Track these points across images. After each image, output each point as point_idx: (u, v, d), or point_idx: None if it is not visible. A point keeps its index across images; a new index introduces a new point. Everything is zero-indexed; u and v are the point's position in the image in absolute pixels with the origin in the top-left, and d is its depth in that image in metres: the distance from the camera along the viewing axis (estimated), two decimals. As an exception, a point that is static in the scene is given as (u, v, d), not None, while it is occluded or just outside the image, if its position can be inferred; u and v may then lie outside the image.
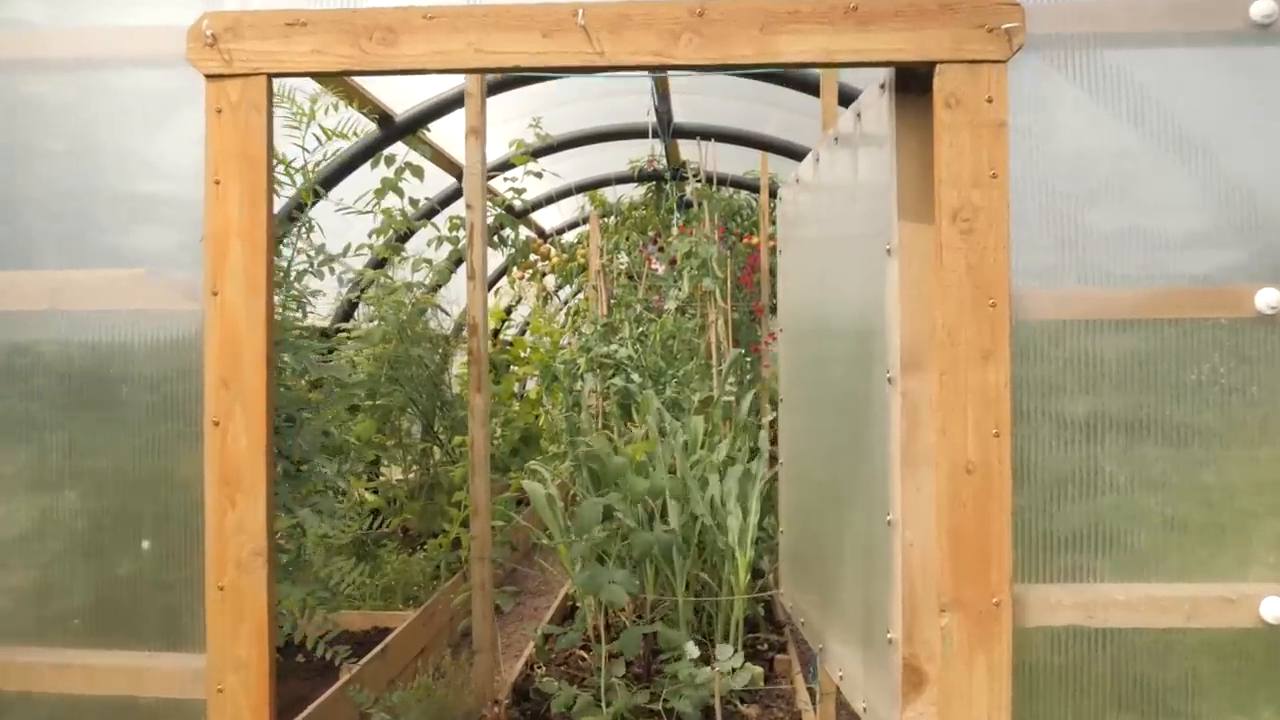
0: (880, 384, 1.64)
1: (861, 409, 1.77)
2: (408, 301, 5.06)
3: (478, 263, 2.86)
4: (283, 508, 2.10)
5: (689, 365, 4.09)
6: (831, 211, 2.03)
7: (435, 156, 4.52)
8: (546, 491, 3.66)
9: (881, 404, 1.64)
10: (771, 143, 5.30)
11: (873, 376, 1.70)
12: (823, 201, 2.13)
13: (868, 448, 1.74)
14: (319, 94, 2.47)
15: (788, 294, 2.64)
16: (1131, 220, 1.44)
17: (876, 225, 1.67)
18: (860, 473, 1.78)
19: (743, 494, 3.53)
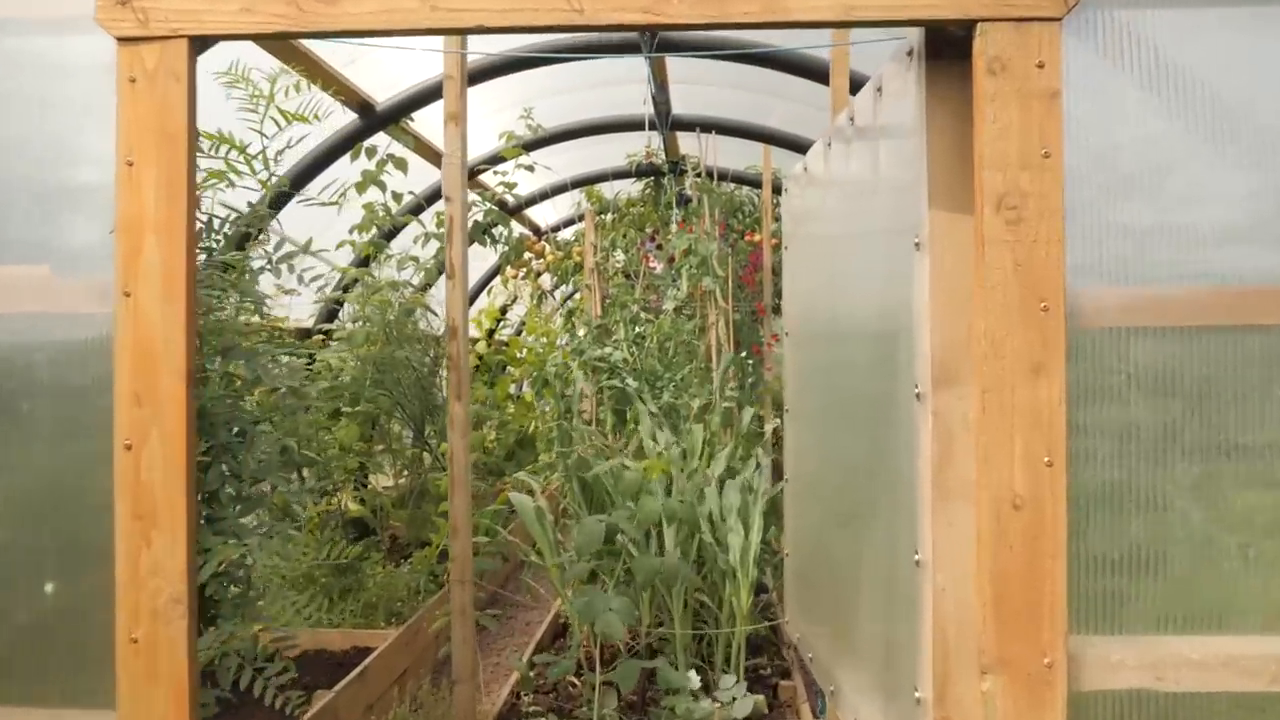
0: (906, 399, 1.42)
1: (883, 426, 1.55)
2: (394, 301, 4.83)
3: (457, 260, 2.62)
4: (231, 535, 1.87)
5: (687, 369, 3.86)
6: (846, 203, 1.80)
7: (420, 148, 4.28)
8: (536, 505, 3.43)
9: (908, 423, 1.41)
10: (775, 135, 5.06)
11: (897, 390, 1.47)
12: (835, 192, 1.90)
13: (891, 472, 1.51)
14: (279, 73, 2.24)
15: (794, 294, 2.41)
16: (1211, 210, 1.21)
17: (902, 217, 1.44)
18: (882, 500, 1.56)
19: (744, 509, 3.30)
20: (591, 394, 3.94)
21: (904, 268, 1.42)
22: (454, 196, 2.62)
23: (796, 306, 2.37)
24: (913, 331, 1.39)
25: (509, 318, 8.55)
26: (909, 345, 1.41)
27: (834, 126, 1.93)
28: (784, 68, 3.71)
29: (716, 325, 3.95)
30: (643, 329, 4.51)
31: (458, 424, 2.64)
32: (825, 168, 1.99)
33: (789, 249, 2.44)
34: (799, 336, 2.35)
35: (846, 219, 1.77)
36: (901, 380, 1.44)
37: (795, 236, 2.37)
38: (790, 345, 2.43)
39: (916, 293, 1.37)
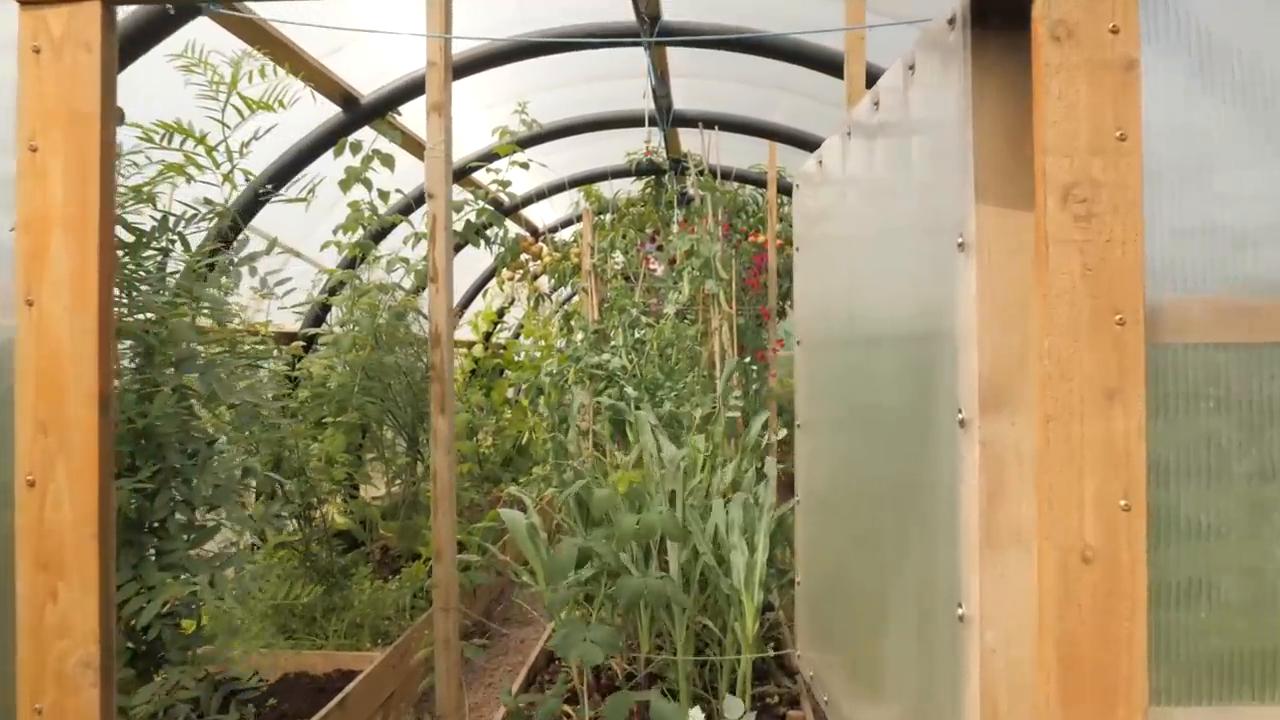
0: (946, 424, 1.21)
1: (916, 453, 1.34)
2: (383, 305, 4.63)
3: (441, 262, 2.42)
4: (181, 569, 1.67)
5: (689, 377, 3.65)
6: (870, 200, 1.59)
7: (408, 143, 4.08)
8: (528, 522, 3.23)
9: (948, 452, 1.21)
10: (780, 131, 4.85)
11: (934, 412, 1.27)
12: (857, 188, 1.70)
13: (926, 508, 1.31)
14: (242, 56, 2.04)
15: (808, 299, 2.21)
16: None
17: (941, 213, 1.24)
18: (915, 539, 1.35)
19: (749, 526, 3.10)
20: (589, 402, 3.74)
21: (943, 271, 1.22)
22: (437, 193, 2.42)
23: (810, 312, 2.16)
24: (954, 345, 1.19)
25: (506, 320, 8.36)
26: (949, 361, 1.20)
27: (853, 116, 1.73)
28: (791, 58, 3.51)
29: (720, 330, 3.75)
30: (642, 333, 4.31)
31: (441, 439, 2.44)
32: (844, 162, 1.79)
33: (801, 250, 2.24)
34: (813, 344, 2.14)
35: (871, 217, 1.56)
36: (940, 402, 1.24)
37: (808, 237, 2.16)
38: (803, 354, 2.23)
39: (960, 301, 1.17)
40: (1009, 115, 1.14)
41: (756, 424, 3.42)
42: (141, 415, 1.69)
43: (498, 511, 3.21)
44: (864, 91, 2.47)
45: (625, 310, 4.03)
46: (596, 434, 3.77)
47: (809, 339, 2.19)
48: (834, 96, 4.42)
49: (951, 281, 1.20)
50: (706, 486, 3.35)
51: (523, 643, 4.68)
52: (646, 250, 4.95)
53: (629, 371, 3.68)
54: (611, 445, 3.81)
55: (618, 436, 3.80)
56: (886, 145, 1.49)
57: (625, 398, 3.55)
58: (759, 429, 3.40)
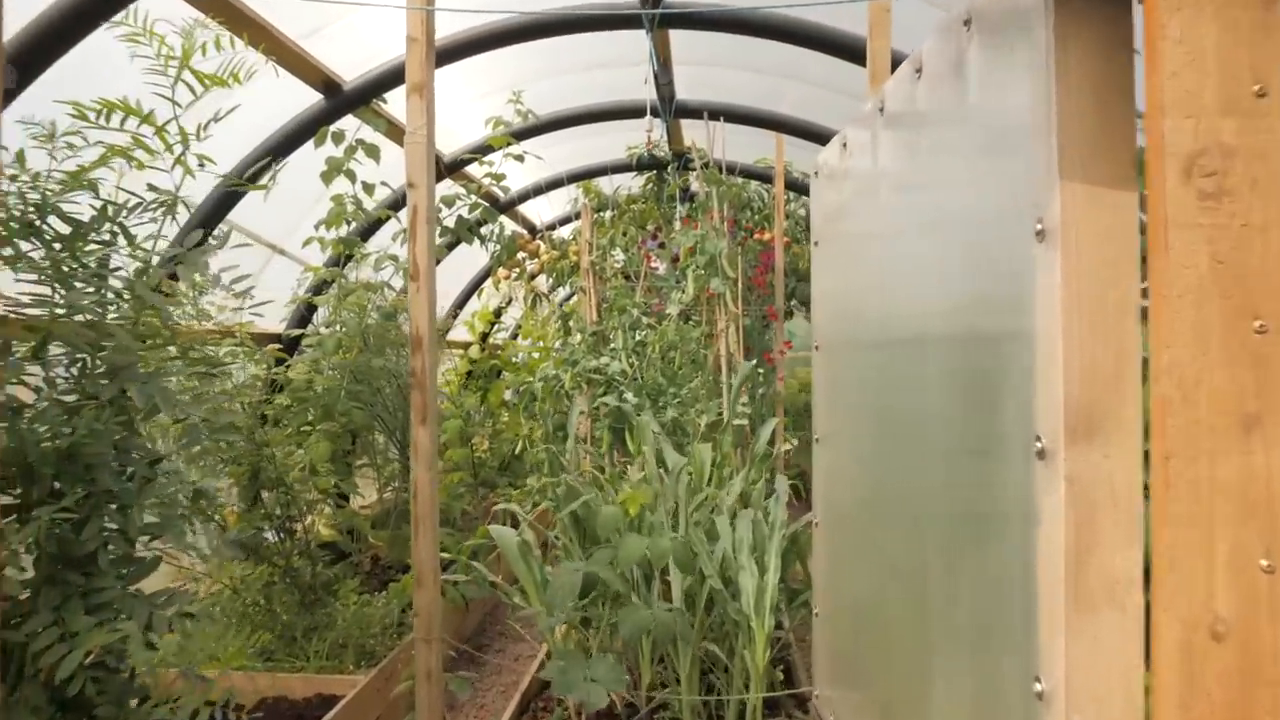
0: (1018, 453, 0.99)
1: (975, 484, 1.12)
2: (371, 304, 4.41)
3: (421, 258, 2.20)
4: (113, 611, 1.44)
5: (694, 381, 3.43)
6: (911, 183, 1.37)
7: (394, 132, 3.84)
8: (520, 538, 3.00)
9: (1020, 488, 0.98)
10: (788, 123, 4.63)
11: (1000, 437, 1.04)
12: (893, 172, 1.47)
13: (990, 553, 1.08)
14: (195, 25, 1.81)
15: (828, 299, 1.98)
16: None
17: (1009, 194, 1.02)
18: (975, 588, 1.13)
19: (759, 545, 2.87)
20: (587, 409, 3.51)
21: (1014, 264, 0.99)
22: (418, 182, 2.20)
23: (832, 313, 1.94)
24: (1029, 356, 0.96)
25: (504, 321, 8.13)
26: (1022, 375, 0.98)
27: (889, 90, 1.50)
28: (803, 41, 3.27)
29: (726, 332, 3.53)
30: (644, 335, 4.08)
31: (423, 452, 2.22)
32: (875, 144, 1.56)
33: (820, 246, 2.01)
34: (835, 348, 1.92)
35: (914, 205, 1.33)
36: (1008, 424, 1.01)
37: (830, 231, 1.94)
38: (822, 359, 2.00)
39: (1038, 300, 0.95)
40: (1102, 72, 0.91)
41: (765, 432, 3.20)
42: (67, 432, 1.46)
43: (488, 528, 2.98)
44: (888, 71, 2.25)
45: (625, 311, 3.80)
46: (595, 442, 3.54)
47: (830, 342, 1.96)
48: (846, 84, 4.19)
49: (1026, 276, 0.97)
50: (713, 500, 3.13)
51: (518, 659, 4.46)
52: (648, 247, 4.72)
53: (629, 376, 3.46)
54: (611, 454, 3.59)
55: (617, 445, 3.57)
56: (934, 119, 1.26)
57: (626, 403, 3.32)
58: (767, 438, 3.18)
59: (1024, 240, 0.97)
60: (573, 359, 3.44)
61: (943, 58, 1.23)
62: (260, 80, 3.31)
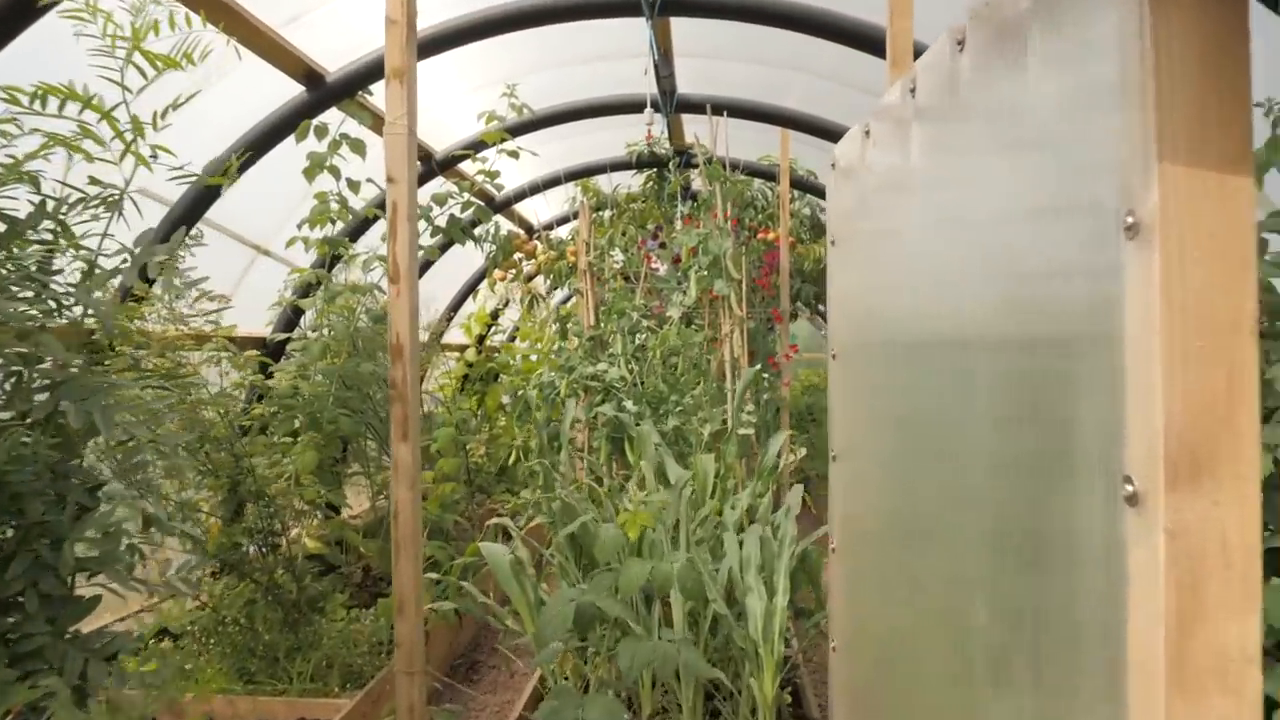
0: (1099, 498, 0.81)
1: (1040, 527, 0.94)
2: (360, 308, 4.23)
3: (403, 259, 2.02)
4: (41, 661, 1.27)
5: (696, 389, 3.25)
6: (949, 172, 1.19)
7: (380, 126, 3.66)
8: (512, 556, 2.83)
9: (1102, 538, 0.80)
10: (793, 118, 4.45)
11: (1072, 473, 0.86)
12: (927, 160, 1.29)
13: (1058, 611, 0.90)
14: (148, 2, 1.63)
15: (847, 303, 1.80)
16: None
17: (1088, 181, 0.84)
18: (1034, 649, 0.95)
19: (767, 564, 2.69)
20: (584, 417, 3.33)
21: (1095, 267, 0.81)
22: (398, 176, 2.02)
23: (852, 319, 1.76)
24: (1117, 379, 0.78)
25: (501, 323, 7.96)
26: (1106, 402, 0.80)
27: (922, 69, 1.32)
28: (812, 28, 3.09)
29: (730, 337, 3.35)
30: (644, 338, 3.91)
31: (403, 470, 2.04)
32: (905, 131, 1.38)
33: (838, 245, 1.83)
34: (855, 358, 1.74)
35: (957, 196, 1.16)
36: (1087, 459, 0.83)
37: (849, 229, 1.76)
38: (841, 369, 1.82)
39: (1130, 311, 0.77)
40: (1212, 30, 0.74)
41: (774, 444, 3.02)
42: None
43: (478, 546, 2.81)
44: (909, 56, 2.07)
45: (625, 314, 3.62)
46: (593, 452, 3.36)
47: (850, 350, 1.78)
48: (857, 77, 4.01)
49: (1110, 281, 0.79)
50: (718, 515, 2.95)
51: (514, 675, 4.28)
52: (648, 248, 4.54)
53: (629, 383, 3.28)
54: (610, 465, 3.41)
55: (616, 455, 3.39)
56: (984, 98, 1.08)
57: (625, 412, 3.15)
58: (776, 450, 3.00)
59: (1108, 236, 0.79)
60: (569, 365, 3.26)
61: (993, 25, 1.05)
62: (239, 71, 3.14)
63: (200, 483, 3.33)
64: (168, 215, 3.21)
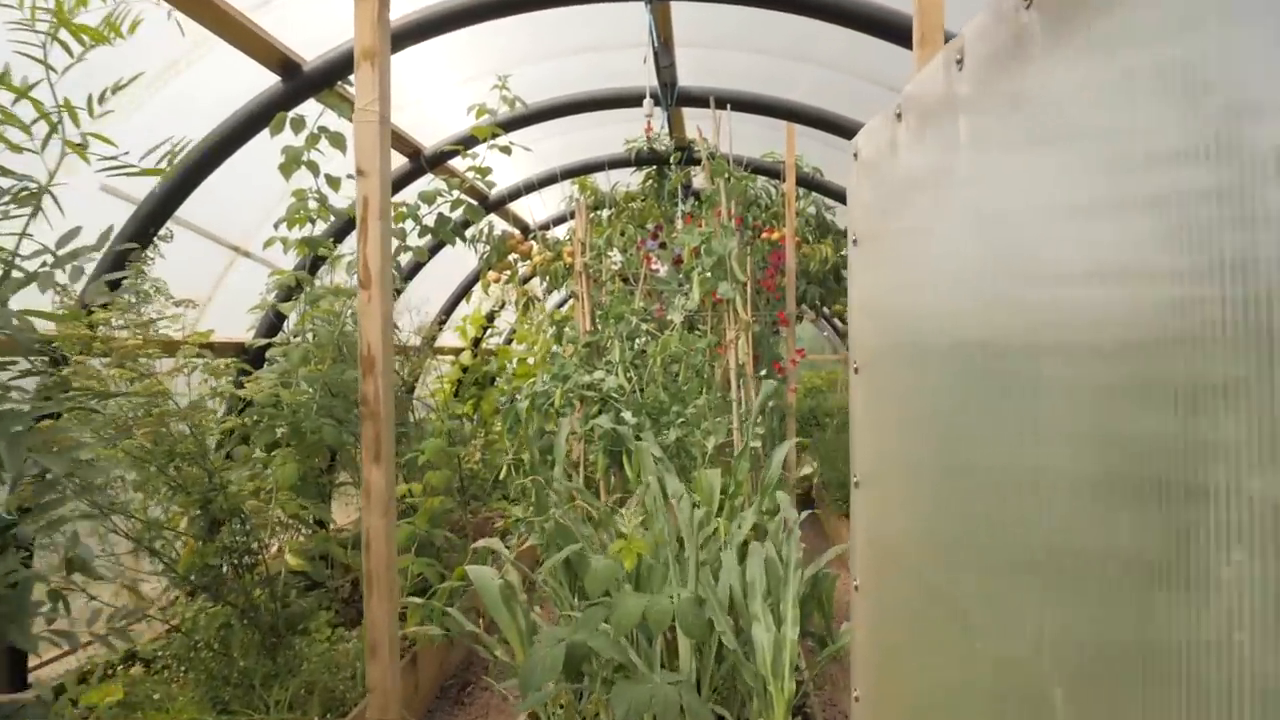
0: (1251, 526, 0.60)
1: (1144, 561, 0.74)
2: (346, 311, 4.02)
3: (373, 261, 1.81)
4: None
5: (700, 399, 3.04)
6: (1020, 151, 0.98)
7: (363, 122, 3.45)
8: (502, 580, 2.62)
9: (1259, 578, 0.60)
10: (799, 111, 4.24)
11: (1200, 501, 0.65)
12: (985, 138, 1.08)
13: (1182, 667, 0.69)
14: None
15: (873, 309, 1.59)
16: None
17: (1237, 147, 0.63)
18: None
19: (774, 590, 2.48)
20: (580, 429, 3.12)
21: (1266, 256, 0.60)
22: (369, 168, 1.81)
23: (879, 327, 1.55)
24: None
25: (498, 325, 7.74)
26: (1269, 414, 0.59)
27: (973, 34, 1.11)
28: (819, 12, 2.88)
29: (736, 344, 3.14)
30: (643, 342, 3.69)
31: (376, 497, 1.83)
32: (953, 109, 1.17)
33: (862, 245, 1.62)
34: (883, 371, 1.53)
35: (1043, 177, 0.94)
36: (1231, 485, 0.62)
37: (877, 226, 1.55)
38: (865, 384, 1.61)
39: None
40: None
41: (778, 456, 2.81)
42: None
43: (464, 570, 2.60)
44: (940, 28, 1.87)
45: (623, 318, 3.41)
46: (589, 467, 3.15)
47: (877, 362, 1.57)
48: (867, 67, 3.81)
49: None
50: (723, 534, 2.74)
51: (507, 699, 4.07)
52: (648, 248, 4.33)
53: (627, 392, 3.07)
54: (608, 479, 3.19)
55: (615, 469, 3.18)
56: (1070, 53, 0.87)
57: (623, 424, 2.93)
58: (781, 462, 2.79)
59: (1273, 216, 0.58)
60: (563, 374, 3.05)
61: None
62: (210, 59, 2.93)
63: (171, 500, 3.12)
64: (134, 214, 3.00)
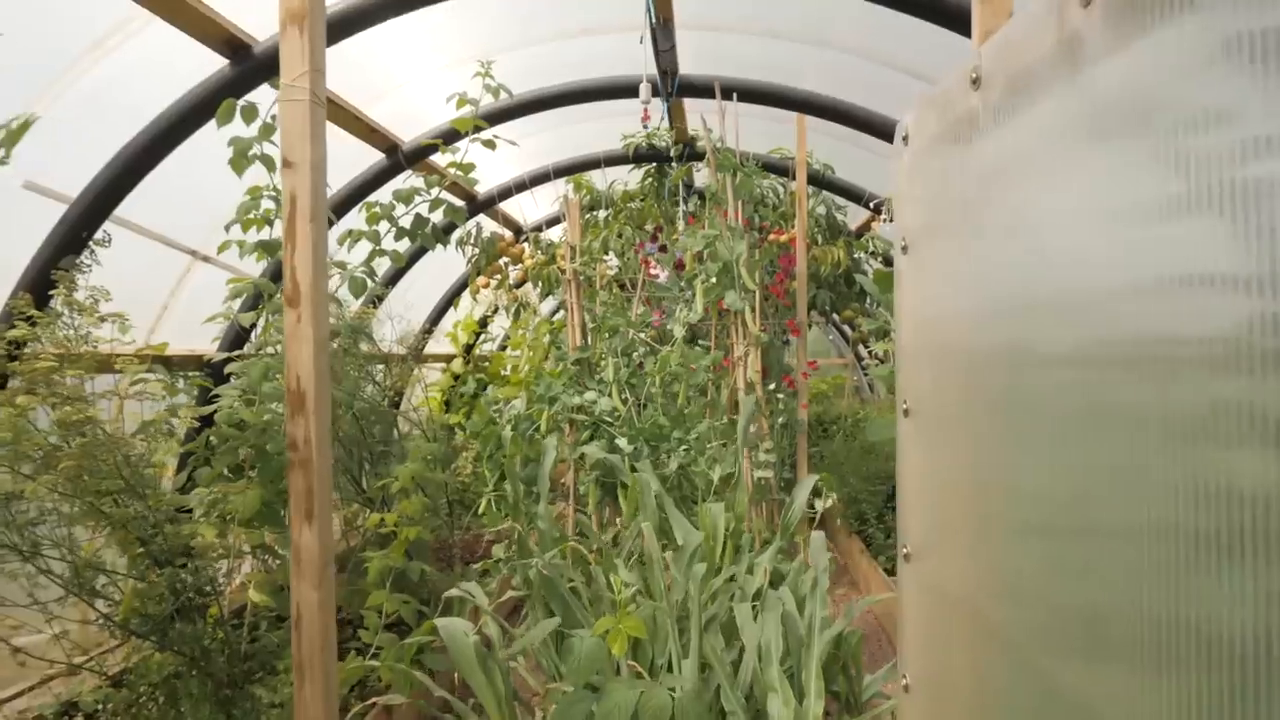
0: None
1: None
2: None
3: (303, 272, 1.46)
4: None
5: (704, 425, 2.68)
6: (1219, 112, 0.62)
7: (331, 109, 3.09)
8: (477, 636, 2.26)
9: None
10: (811, 101, 3.87)
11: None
12: (1124, 101, 0.73)
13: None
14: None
15: (927, 331, 1.24)
16: None
17: None
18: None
19: (793, 652, 2.13)
20: (569, 457, 2.77)
21: None
22: (297, 158, 1.46)
23: (943, 357, 1.20)
24: None
25: (491, 331, 7.39)
26: None
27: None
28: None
29: (746, 360, 2.78)
30: (640, 355, 3.34)
31: (307, 562, 1.48)
32: (1085, 55, 0.81)
33: (915, 251, 1.27)
34: (944, 414, 1.18)
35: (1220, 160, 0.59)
36: None
37: (936, 225, 1.19)
38: (918, 431, 1.26)
39: None
40: None
41: (800, 493, 2.45)
42: None
43: (433, 623, 2.25)
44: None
45: (618, 332, 3.05)
46: (580, 498, 2.79)
47: (932, 401, 1.22)
48: (890, 51, 3.44)
49: None
50: (736, 582, 2.38)
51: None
52: (647, 251, 3.97)
53: (622, 416, 2.72)
54: (601, 512, 2.83)
55: (609, 501, 2.82)
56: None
57: (617, 452, 2.58)
58: (804, 502, 2.43)
59: None
60: (550, 394, 2.69)
61: None
62: (151, 42, 2.59)
63: (112, 537, 2.77)
64: (64, 216, 2.65)
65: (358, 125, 3.47)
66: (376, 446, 4.39)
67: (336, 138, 3.69)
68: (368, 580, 3.42)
